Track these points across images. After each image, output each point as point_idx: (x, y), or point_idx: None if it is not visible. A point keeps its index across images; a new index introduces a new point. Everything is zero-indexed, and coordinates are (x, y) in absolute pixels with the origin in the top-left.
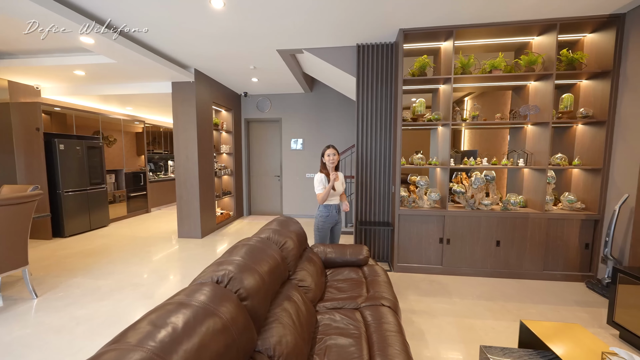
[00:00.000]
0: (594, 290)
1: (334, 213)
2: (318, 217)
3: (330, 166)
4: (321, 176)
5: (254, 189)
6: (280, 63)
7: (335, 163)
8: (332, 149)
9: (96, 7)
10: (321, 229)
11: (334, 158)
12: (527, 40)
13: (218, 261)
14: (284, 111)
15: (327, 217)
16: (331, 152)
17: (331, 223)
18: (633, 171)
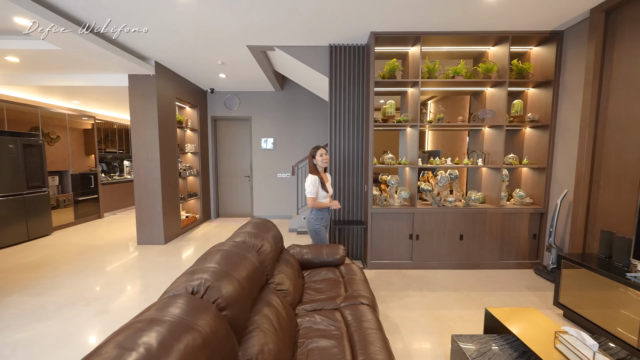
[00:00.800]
0: (541, 276)
1: (327, 215)
2: (313, 221)
3: (322, 167)
4: (313, 178)
5: (223, 190)
6: (250, 59)
7: (327, 163)
8: (324, 149)
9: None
10: (319, 231)
11: (326, 158)
12: (484, 50)
13: (191, 270)
14: (253, 109)
15: (322, 219)
16: (323, 152)
17: (325, 225)
18: (571, 169)
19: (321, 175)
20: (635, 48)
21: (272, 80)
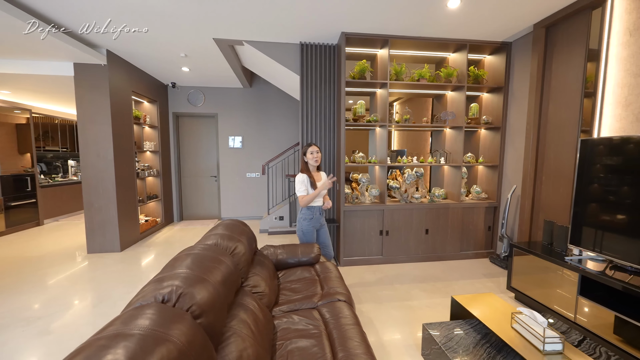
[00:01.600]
0: (495, 264)
1: (318, 215)
2: (302, 220)
3: (313, 165)
4: (303, 177)
5: (187, 191)
6: (217, 53)
7: (319, 161)
8: (315, 146)
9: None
10: (306, 232)
11: (317, 156)
12: (445, 56)
13: (159, 277)
14: (220, 106)
15: (312, 219)
16: (314, 150)
17: (316, 225)
18: (519, 167)
19: (311, 174)
20: (569, 60)
21: (240, 76)
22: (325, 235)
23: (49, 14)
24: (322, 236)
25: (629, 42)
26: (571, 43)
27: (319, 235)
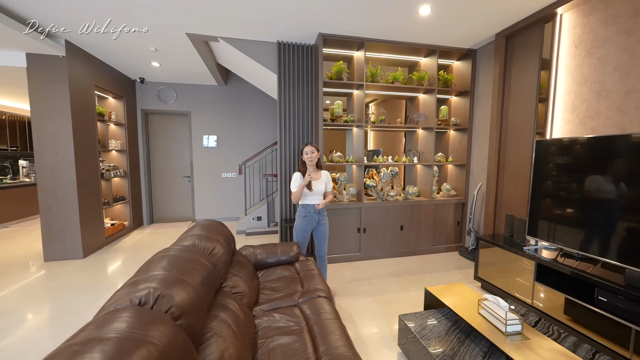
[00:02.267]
0: (464, 256)
1: (312, 213)
2: (296, 218)
3: (309, 164)
4: (297, 175)
5: (157, 192)
6: (190, 49)
7: (315, 161)
8: (310, 146)
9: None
10: (298, 229)
11: (312, 156)
12: (417, 60)
13: (133, 281)
14: (193, 104)
15: (305, 217)
16: (309, 150)
17: (310, 224)
18: (484, 166)
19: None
20: (525, 68)
21: (214, 73)
22: (323, 235)
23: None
24: (318, 233)
25: (575, 54)
26: (527, 52)
27: (316, 233)
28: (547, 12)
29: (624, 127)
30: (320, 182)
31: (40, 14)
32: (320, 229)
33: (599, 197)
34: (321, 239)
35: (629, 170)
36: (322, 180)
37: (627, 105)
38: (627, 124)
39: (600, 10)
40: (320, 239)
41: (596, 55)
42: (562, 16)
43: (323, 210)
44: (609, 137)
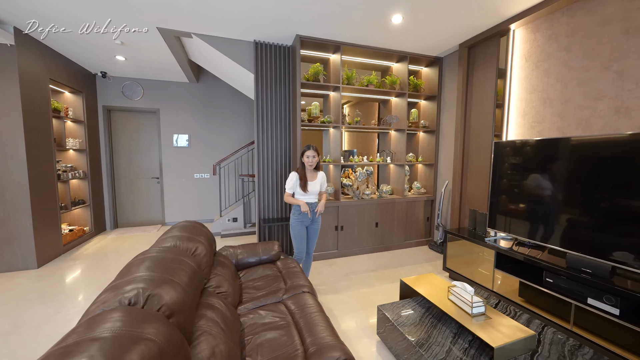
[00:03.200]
0: (433, 250)
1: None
2: (291, 215)
3: (308, 167)
4: (293, 175)
5: (122, 195)
6: (161, 44)
7: (314, 165)
8: (312, 150)
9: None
10: (293, 226)
11: (312, 160)
12: (389, 65)
13: (115, 284)
14: (162, 101)
15: (300, 214)
16: (311, 154)
17: (305, 221)
18: (450, 165)
19: (305, 174)
20: (485, 76)
21: (186, 70)
22: (314, 232)
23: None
24: (310, 231)
25: (525, 66)
26: (486, 62)
27: (308, 230)
28: (503, 27)
29: (564, 131)
30: (316, 182)
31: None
32: (313, 227)
33: (544, 192)
34: (312, 237)
35: (567, 168)
36: (318, 181)
37: (566, 112)
38: (566, 128)
39: (545, 29)
40: (311, 237)
41: (542, 67)
42: (515, 31)
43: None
44: (551, 139)
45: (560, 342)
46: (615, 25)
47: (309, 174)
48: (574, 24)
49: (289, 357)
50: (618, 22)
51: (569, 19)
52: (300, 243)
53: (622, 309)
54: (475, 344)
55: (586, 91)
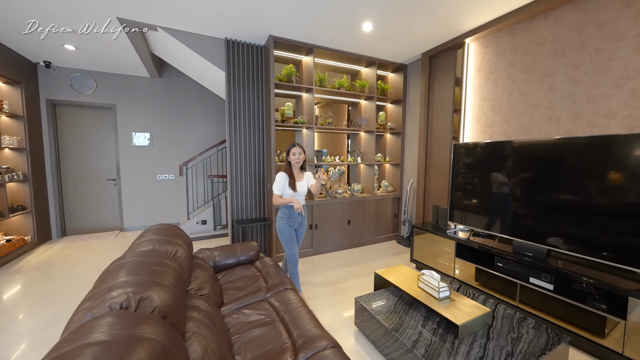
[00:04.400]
0: (401, 244)
1: (296, 214)
2: (278, 219)
3: (295, 165)
4: (281, 175)
5: (71, 199)
6: (121, 35)
7: (301, 162)
8: (298, 147)
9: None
10: (282, 230)
11: (299, 157)
12: (359, 69)
13: (97, 292)
14: (119, 96)
15: (289, 218)
16: (296, 151)
17: (294, 225)
18: (414, 164)
19: (293, 174)
20: (444, 84)
21: (148, 64)
22: (301, 233)
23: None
24: (297, 235)
25: (477, 76)
26: (445, 71)
27: (297, 233)
28: (459, 40)
29: (510, 135)
30: (303, 182)
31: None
32: (301, 230)
33: (493, 188)
34: (299, 238)
35: (510, 167)
36: (305, 181)
37: (511, 118)
38: (511, 132)
39: (493, 45)
40: (299, 238)
41: (491, 79)
42: (469, 45)
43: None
44: (496, 142)
45: (510, 316)
46: (547, 47)
47: (297, 173)
48: (516, 42)
49: (277, 351)
50: (549, 43)
51: (512, 37)
52: (291, 247)
53: (555, 285)
54: (443, 324)
55: (526, 101)
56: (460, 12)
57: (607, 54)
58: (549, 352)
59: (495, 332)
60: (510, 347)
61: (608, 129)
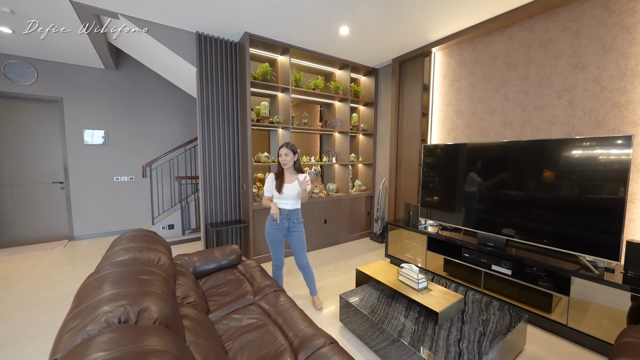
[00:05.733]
0: (374, 240)
1: (282, 218)
2: (267, 221)
3: (284, 167)
4: (269, 177)
5: (6, 205)
6: (73, 20)
7: (290, 164)
8: (285, 148)
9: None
10: (267, 233)
11: (285, 158)
12: (333, 71)
13: (82, 309)
14: (67, 89)
15: (273, 221)
16: (282, 152)
17: (280, 229)
18: (386, 164)
19: (283, 176)
20: (413, 89)
21: (103, 54)
22: (295, 242)
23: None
24: (292, 242)
25: (442, 83)
26: (414, 77)
27: (290, 241)
28: (426, 49)
29: (471, 137)
30: (293, 186)
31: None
32: (293, 237)
33: (457, 186)
34: (297, 248)
35: (469, 167)
36: (295, 185)
37: (472, 122)
38: (472, 135)
39: (456, 55)
40: (296, 248)
41: (455, 86)
42: (436, 54)
43: (295, 217)
44: (457, 144)
45: (478, 301)
46: (502, 59)
47: (288, 176)
48: (476, 54)
49: (276, 353)
50: (503, 57)
51: (472, 49)
52: (275, 251)
53: (513, 270)
54: (423, 312)
55: (485, 107)
56: (428, 23)
57: (549, 69)
58: (512, 330)
59: (468, 316)
60: (482, 328)
61: (551, 134)
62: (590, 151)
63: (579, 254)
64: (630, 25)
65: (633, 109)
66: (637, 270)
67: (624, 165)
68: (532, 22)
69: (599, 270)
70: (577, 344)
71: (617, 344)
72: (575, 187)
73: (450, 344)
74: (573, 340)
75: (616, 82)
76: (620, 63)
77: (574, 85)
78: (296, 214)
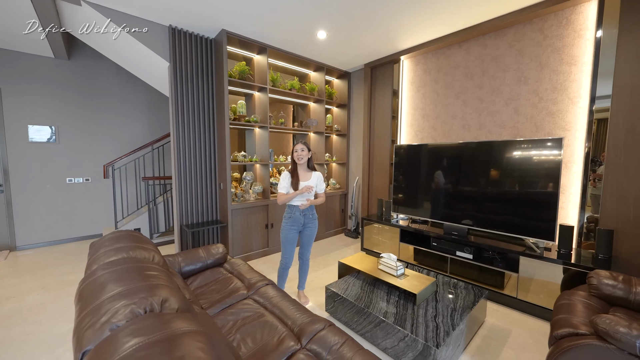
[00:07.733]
0: (348, 236)
1: (297, 215)
2: (283, 220)
3: (299, 163)
4: (285, 174)
5: None
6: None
7: (305, 160)
8: (301, 144)
9: None
10: (283, 230)
11: (301, 154)
12: (308, 72)
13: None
14: (6, 79)
15: (290, 218)
16: (299, 148)
17: (296, 225)
18: (359, 164)
19: (297, 173)
20: (384, 93)
21: (55, 42)
22: (307, 237)
23: None
24: (304, 236)
25: (410, 89)
26: (384, 82)
27: (302, 235)
28: (395, 57)
29: (436, 139)
30: (309, 183)
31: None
32: (306, 232)
33: (423, 182)
34: (306, 242)
35: (433, 165)
36: (312, 182)
37: (436, 125)
38: (437, 137)
39: (422, 64)
40: (305, 242)
41: (421, 92)
42: (404, 62)
43: (310, 213)
44: (419, 145)
45: (447, 282)
46: (461, 70)
47: (302, 172)
48: (439, 63)
49: (279, 339)
50: (462, 67)
51: (436, 59)
52: (288, 250)
53: (474, 255)
54: (403, 296)
55: (447, 112)
56: (397, 32)
57: (499, 80)
58: (476, 305)
59: (440, 295)
60: (452, 305)
61: (501, 136)
62: (528, 152)
63: (524, 237)
64: (559, 48)
65: (562, 116)
66: (567, 247)
67: (556, 164)
68: (485, 39)
69: (540, 250)
70: (526, 313)
71: (555, 306)
72: (518, 182)
73: (428, 319)
74: (523, 310)
75: (550, 94)
76: (552, 78)
77: (519, 95)
78: (311, 209)
